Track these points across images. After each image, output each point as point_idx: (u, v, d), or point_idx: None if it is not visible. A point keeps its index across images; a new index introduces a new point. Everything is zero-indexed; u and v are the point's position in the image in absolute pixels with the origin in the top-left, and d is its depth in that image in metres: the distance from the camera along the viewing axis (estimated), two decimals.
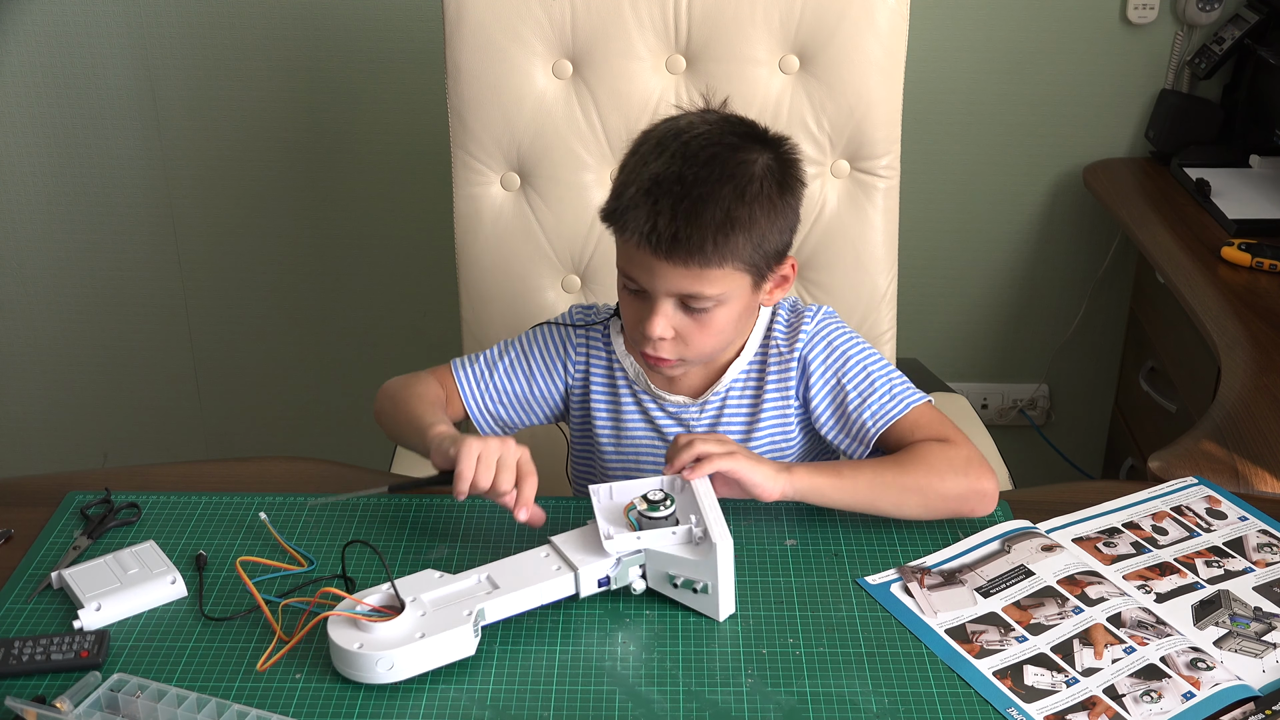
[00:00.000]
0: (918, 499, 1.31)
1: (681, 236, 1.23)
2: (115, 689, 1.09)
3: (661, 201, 1.23)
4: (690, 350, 1.32)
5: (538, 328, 1.48)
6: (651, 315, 1.29)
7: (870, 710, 1.11)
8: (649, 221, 1.23)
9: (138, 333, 2.65)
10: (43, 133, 2.47)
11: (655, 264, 1.26)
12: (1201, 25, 2.37)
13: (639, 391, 1.44)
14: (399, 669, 1.12)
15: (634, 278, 1.29)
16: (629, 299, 1.33)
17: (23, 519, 1.36)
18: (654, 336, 1.29)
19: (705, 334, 1.31)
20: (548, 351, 1.45)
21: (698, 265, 1.25)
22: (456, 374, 1.44)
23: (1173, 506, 1.39)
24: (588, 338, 1.46)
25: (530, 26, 1.72)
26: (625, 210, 1.26)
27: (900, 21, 1.73)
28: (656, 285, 1.27)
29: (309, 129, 2.47)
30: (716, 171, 1.24)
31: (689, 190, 1.23)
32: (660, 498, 1.23)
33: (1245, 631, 1.19)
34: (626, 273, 1.30)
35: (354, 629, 1.13)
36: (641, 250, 1.25)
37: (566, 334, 1.46)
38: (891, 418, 1.37)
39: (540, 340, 1.46)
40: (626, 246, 1.28)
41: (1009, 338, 2.67)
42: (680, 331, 1.30)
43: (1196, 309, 1.90)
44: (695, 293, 1.27)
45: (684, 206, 1.23)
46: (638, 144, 1.31)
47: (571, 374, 1.45)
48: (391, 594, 1.16)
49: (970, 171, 2.51)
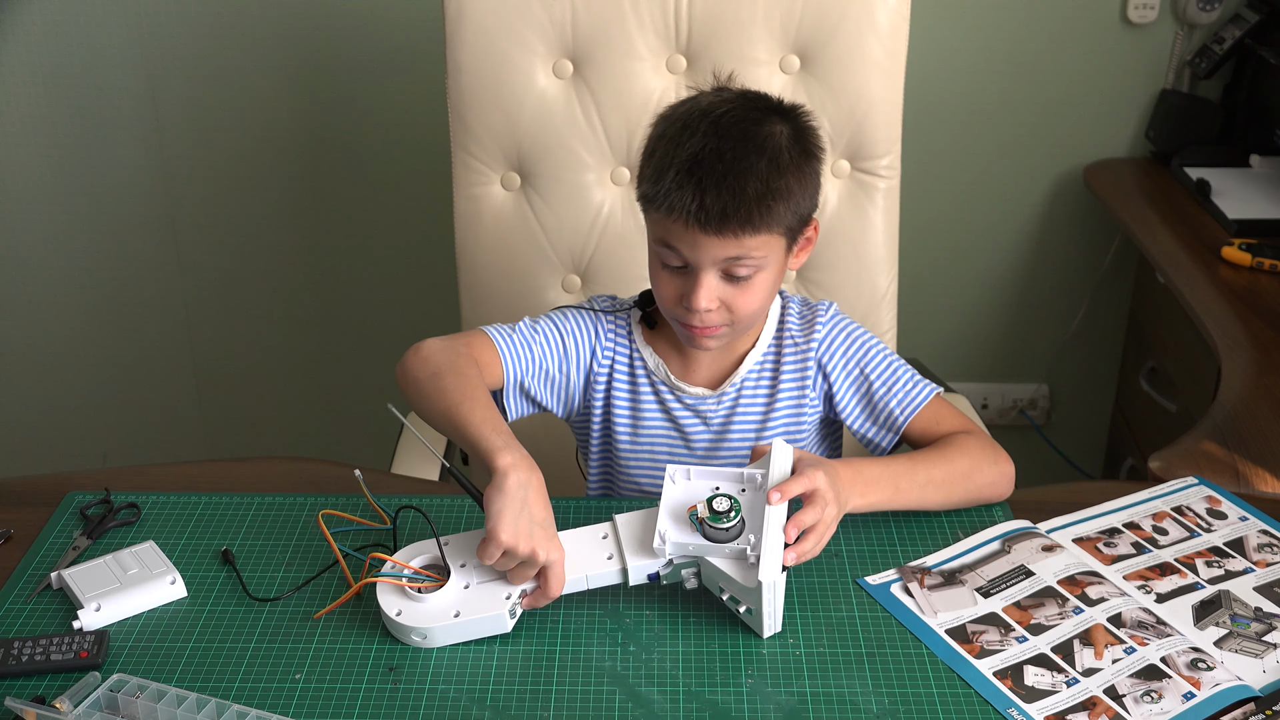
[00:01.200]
0: (962, 491, 1.36)
1: (729, 211, 1.27)
2: (115, 689, 1.09)
3: (705, 180, 1.27)
4: (735, 316, 1.35)
5: (565, 310, 1.48)
6: (696, 288, 1.32)
7: (870, 710, 1.11)
8: (695, 200, 1.27)
9: (137, 333, 2.65)
10: (43, 133, 2.47)
11: (701, 239, 1.29)
12: (1201, 25, 2.37)
13: (658, 383, 1.46)
14: (431, 640, 1.16)
15: (677, 253, 1.32)
16: (668, 276, 1.35)
17: (23, 519, 1.36)
18: (701, 309, 1.32)
19: (747, 299, 1.34)
20: (581, 335, 1.46)
21: (746, 235, 1.29)
22: (499, 343, 1.41)
23: (1173, 507, 1.39)
24: (615, 327, 1.47)
25: (531, 26, 1.72)
26: (669, 192, 1.29)
27: (901, 21, 1.73)
28: (701, 258, 1.30)
29: (309, 129, 2.47)
30: (750, 145, 1.29)
31: (730, 167, 1.27)
32: (726, 507, 1.20)
33: (1245, 632, 1.19)
34: (667, 247, 1.32)
35: (399, 595, 1.18)
36: (689, 228, 1.28)
37: (598, 320, 1.47)
38: (917, 405, 1.40)
39: (574, 322, 1.46)
40: (667, 225, 1.31)
41: (1009, 338, 2.67)
42: (724, 300, 1.33)
43: (1197, 309, 1.90)
44: (739, 258, 1.30)
45: (728, 183, 1.27)
46: (663, 126, 1.34)
47: (599, 361, 1.46)
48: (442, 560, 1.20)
49: (970, 171, 2.51)
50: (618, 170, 1.78)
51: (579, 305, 1.49)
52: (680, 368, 1.45)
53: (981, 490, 1.36)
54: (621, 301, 1.51)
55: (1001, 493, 1.38)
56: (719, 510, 1.20)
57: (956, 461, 1.35)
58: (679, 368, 1.45)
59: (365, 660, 1.16)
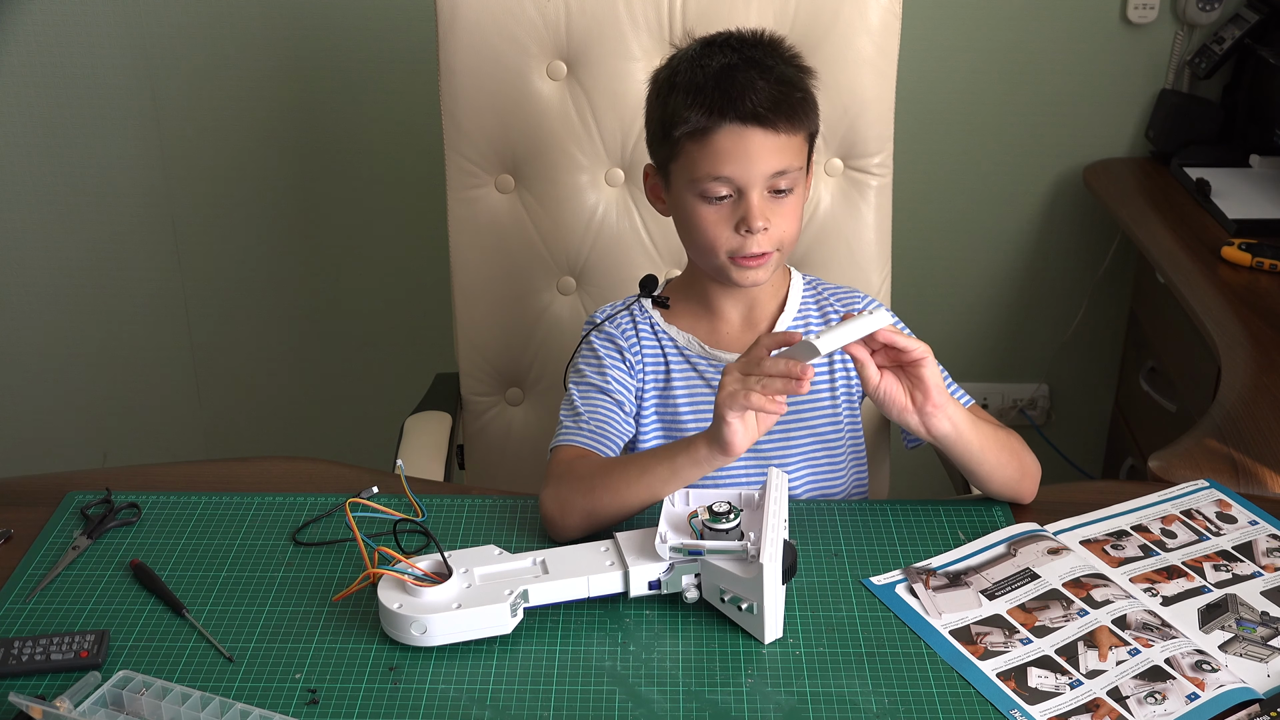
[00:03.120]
0: (1016, 466, 1.37)
1: (781, 104, 1.33)
2: (119, 686, 1.09)
3: (747, 80, 1.33)
4: (781, 237, 1.38)
5: (583, 354, 1.48)
6: (750, 207, 1.35)
7: (870, 710, 1.11)
8: (744, 98, 1.32)
9: (138, 332, 2.65)
10: (43, 133, 2.47)
11: (753, 144, 1.33)
12: (1201, 25, 2.37)
13: (692, 356, 1.46)
14: (431, 634, 1.16)
15: (727, 175, 1.34)
16: (712, 212, 1.37)
17: (23, 519, 1.36)
18: (757, 227, 1.35)
19: (789, 218, 1.38)
20: (613, 359, 1.46)
21: (790, 129, 1.34)
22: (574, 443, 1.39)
23: (1182, 510, 1.38)
24: (635, 324, 1.48)
25: (524, 28, 1.72)
26: (719, 106, 1.32)
27: (893, 20, 1.73)
28: (753, 171, 1.34)
29: (307, 130, 2.47)
30: (764, 56, 1.37)
31: (761, 69, 1.34)
32: (725, 509, 1.22)
33: (1251, 636, 1.19)
34: (715, 175, 1.34)
35: (400, 590, 1.18)
36: (739, 135, 1.33)
37: (611, 335, 1.47)
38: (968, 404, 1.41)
39: (601, 354, 1.46)
40: (716, 144, 1.33)
41: (1009, 338, 2.67)
42: (771, 220, 1.36)
43: (1196, 309, 1.90)
44: (785, 166, 1.35)
45: (766, 78, 1.33)
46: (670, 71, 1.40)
47: (632, 366, 1.46)
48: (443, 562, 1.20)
49: (971, 171, 2.50)
50: (612, 171, 1.78)
51: (586, 335, 1.49)
52: (711, 338, 1.47)
53: (1024, 477, 1.37)
54: (621, 301, 1.51)
55: (1032, 486, 1.39)
56: (719, 512, 1.21)
57: (1011, 437, 1.38)
58: (708, 337, 1.47)
59: (365, 660, 1.16)
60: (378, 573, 1.22)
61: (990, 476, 1.35)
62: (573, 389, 1.45)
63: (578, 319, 1.82)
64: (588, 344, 1.48)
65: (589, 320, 1.51)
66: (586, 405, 1.42)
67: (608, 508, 1.29)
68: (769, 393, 1.19)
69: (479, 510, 1.38)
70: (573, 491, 1.31)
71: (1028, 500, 1.39)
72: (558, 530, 1.31)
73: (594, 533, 1.30)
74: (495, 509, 1.38)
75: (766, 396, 1.19)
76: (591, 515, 1.29)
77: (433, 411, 1.81)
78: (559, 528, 1.31)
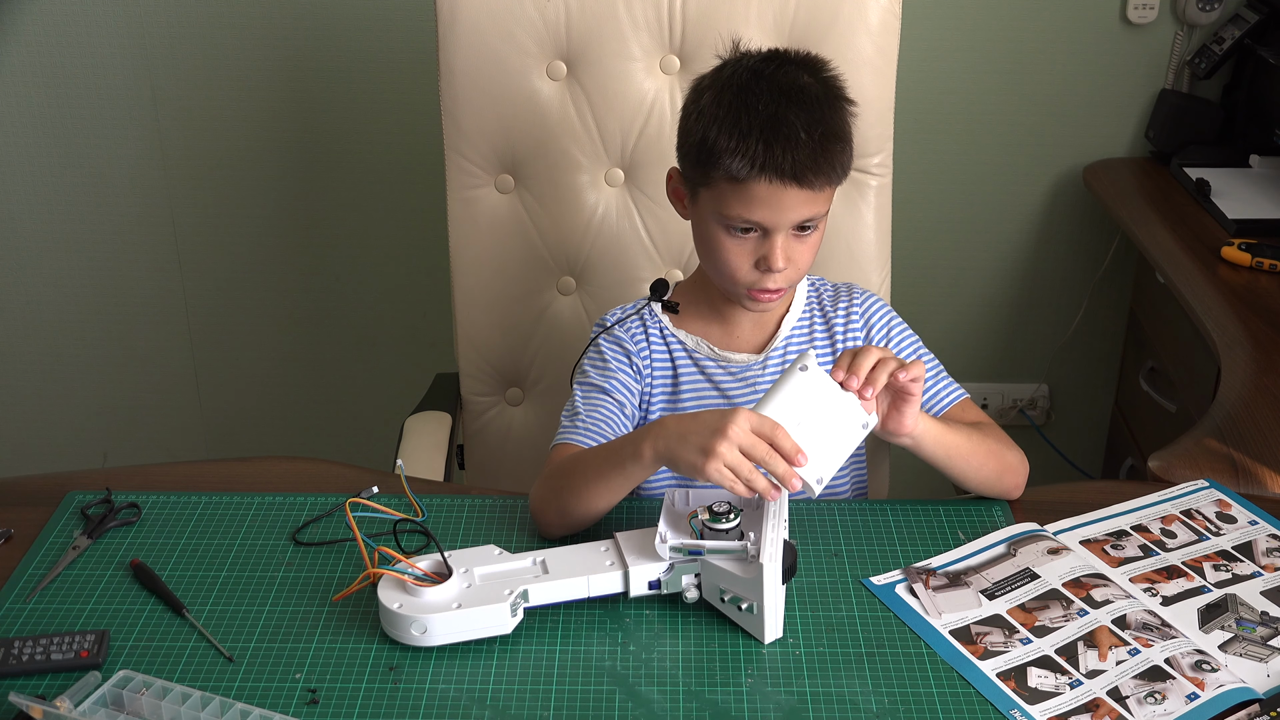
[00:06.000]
0: (995, 465, 1.38)
1: (821, 162, 1.32)
2: (120, 686, 1.09)
3: (793, 135, 1.31)
4: (797, 273, 1.39)
5: (591, 354, 1.48)
6: (773, 248, 1.35)
7: (870, 710, 1.11)
8: (787, 158, 1.30)
9: (137, 333, 2.65)
10: (43, 133, 2.47)
11: (787, 198, 1.32)
12: (1201, 25, 2.37)
13: (701, 360, 1.47)
14: (431, 634, 1.16)
15: (757, 221, 1.34)
16: (734, 245, 1.37)
17: (23, 519, 1.36)
18: (779, 267, 1.35)
19: (808, 252, 1.39)
20: (620, 360, 1.46)
21: (829, 185, 1.34)
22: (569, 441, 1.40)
23: (1182, 510, 1.38)
24: (645, 328, 1.48)
25: (524, 28, 1.72)
26: (761, 161, 1.31)
27: (892, 20, 1.73)
28: (783, 219, 1.34)
29: (306, 130, 2.47)
30: (810, 100, 1.34)
31: (807, 120, 1.32)
32: (725, 509, 1.22)
33: (1251, 636, 1.19)
34: (745, 219, 1.34)
35: (400, 590, 1.18)
36: (776, 189, 1.32)
37: (619, 337, 1.47)
38: (947, 404, 1.44)
39: (608, 354, 1.46)
40: (751, 191, 1.33)
41: (1009, 338, 2.67)
42: (791, 258, 1.36)
43: (1196, 309, 1.90)
44: (815, 214, 1.35)
45: (815, 130, 1.32)
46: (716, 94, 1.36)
47: (640, 370, 1.47)
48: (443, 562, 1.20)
49: (971, 171, 2.50)
50: (612, 172, 1.78)
51: (594, 338, 1.49)
52: (721, 341, 1.48)
53: (1004, 473, 1.38)
54: (632, 304, 1.51)
55: (1018, 481, 1.40)
56: (719, 512, 1.21)
57: (989, 436, 1.39)
58: (720, 341, 1.48)
59: (365, 660, 1.16)
60: (378, 573, 1.22)
61: (963, 477, 1.37)
62: (576, 390, 1.45)
63: (578, 319, 1.82)
64: (595, 346, 1.48)
65: (598, 323, 1.52)
66: (586, 405, 1.42)
67: (573, 506, 1.29)
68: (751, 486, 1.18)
69: (479, 510, 1.38)
70: (547, 488, 1.32)
71: (1015, 496, 1.40)
72: (540, 526, 1.33)
73: (574, 531, 1.31)
74: (495, 509, 1.38)
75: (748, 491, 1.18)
76: (563, 513, 1.30)
77: (433, 411, 1.81)
78: (540, 523, 1.33)
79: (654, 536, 1.21)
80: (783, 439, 1.18)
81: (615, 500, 1.29)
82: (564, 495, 1.30)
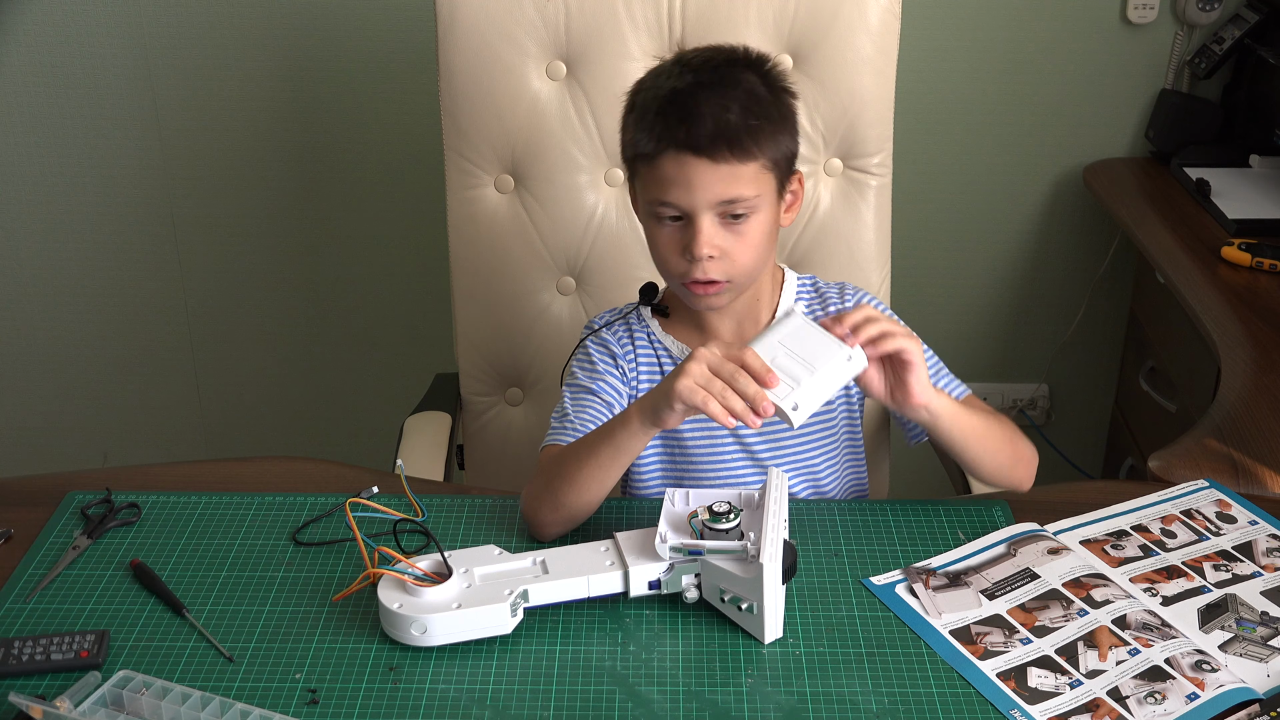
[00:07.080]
0: (1010, 452, 1.37)
1: (720, 131, 1.28)
2: (120, 686, 1.09)
3: (689, 106, 1.29)
4: (734, 267, 1.35)
5: (578, 357, 1.48)
6: (696, 234, 1.32)
7: (870, 710, 1.11)
8: (682, 128, 1.28)
9: (137, 333, 2.65)
10: (43, 133, 2.47)
11: (696, 173, 1.29)
12: (1201, 25, 2.37)
13: None
14: (431, 634, 1.16)
15: (672, 201, 1.32)
16: (664, 234, 1.35)
17: (23, 519, 1.36)
18: (702, 255, 1.32)
19: (745, 247, 1.34)
20: (607, 363, 1.46)
21: (736, 159, 1.29)
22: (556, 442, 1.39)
23: (1182, 510, 1.38)
24: (630, 332, 1.48)
25: (524, 28, 1.72)
26: (655, 128, 1.30)
27: (892, 20, 1.73)
28: (698, 198, 1.30)
29: (306, 130, 2.47)
30: (726, 79, 1.31)
31: (711, 94, 1.29)
32: (725, 509, 1.22)
33: (1251, 636, 1.19)
34: (662, 201, 1.32)
35: (400, 590, 1.18)
36: (681, 163, 1.29)
37: (606, 340, 1.47)
38: (959, 396, 1.41)
39: (595, 358, 1.46)
40: (661, 170, 1.31)
41: (1009, 338, 2.67)
42: (723, 249, 1.33)
43: (1196, 309, 1.90)
44: (734, 196, 1.31)
45: (711, 105, 1.28)
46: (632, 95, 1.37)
47: (626, 373, 1.46)
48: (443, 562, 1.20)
49: (971, 171, 2.50)
50: (611, 171, 1.78)
51: (583, 340, 1.49)
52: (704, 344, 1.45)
53: (1018, 463, 1.38)
54: (620, 308, 1.51)
55: (1030, 473, 1.39)
56: (719, 512, 1.21)
57: (1005, 423, 1.38)
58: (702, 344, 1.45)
59: (365, 660, 1.16)
60: (378, 573, 1.22)
61: (979, 462, 1.36)
62: (565, 392, 1.45)
63: (577, 319, 1.82)
64: (583, 349, 1.48)
65: (587, 326, 1.51)
66: (575, 406, 1.42)
67: (567, 496, 1.29)
68: (725, 404, 1.18)
69: (479, 510, 1.38)
70: (538, 484, 1.32)
71: (1025, 487, 1.40)
72: (531, 527, 1.33)
73: (568, 528, 1.31)
74: (495, 509, 1.38)
75: (722, 409, 1.18)
76: (557, 506, 1.30)
77: (433, 411, 1.81)
78: (531, 524, 1.32)
79: (654, 536, 1.21)
80: (750, 358, 1.18)
81: (608, 483, 1.29)
82: (556, 486, 1.30)
